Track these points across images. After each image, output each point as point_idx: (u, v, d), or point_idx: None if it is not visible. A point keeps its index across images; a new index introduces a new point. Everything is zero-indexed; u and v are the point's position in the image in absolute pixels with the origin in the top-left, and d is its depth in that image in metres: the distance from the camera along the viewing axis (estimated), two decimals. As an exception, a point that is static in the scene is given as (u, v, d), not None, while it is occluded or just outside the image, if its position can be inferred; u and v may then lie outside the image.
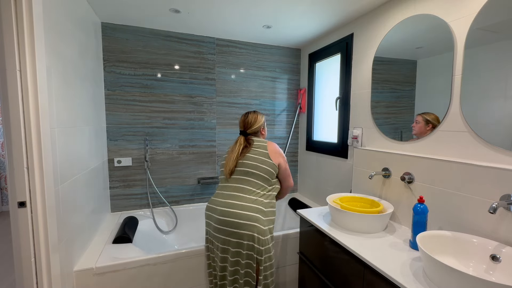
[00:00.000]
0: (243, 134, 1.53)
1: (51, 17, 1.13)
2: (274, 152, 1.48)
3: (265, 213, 1.36)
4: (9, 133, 0.97)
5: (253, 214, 1.31)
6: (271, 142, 1.52)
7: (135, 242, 1.70)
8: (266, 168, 1.42)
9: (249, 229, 1.29)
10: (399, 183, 1.39)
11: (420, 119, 1.36)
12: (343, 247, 1.16)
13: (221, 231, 1.34)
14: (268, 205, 1.40)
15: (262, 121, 1.57)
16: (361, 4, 1.61)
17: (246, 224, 1.29)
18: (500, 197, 0.97)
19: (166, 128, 2.19)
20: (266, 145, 1.48)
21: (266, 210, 1.37)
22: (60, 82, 1.22)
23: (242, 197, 1.36)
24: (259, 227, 1.31)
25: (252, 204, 1.34)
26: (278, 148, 1.52)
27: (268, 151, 1.46)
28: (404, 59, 1.46)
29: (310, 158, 2.48)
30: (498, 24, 1.03)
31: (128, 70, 2.04)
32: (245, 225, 1.30)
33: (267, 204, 1.39)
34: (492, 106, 1.05)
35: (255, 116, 1.56)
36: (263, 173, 1.42)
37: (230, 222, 1.31)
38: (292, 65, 2.58)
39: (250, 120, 1.54)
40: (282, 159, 1.50)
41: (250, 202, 1.35)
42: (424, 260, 0.90)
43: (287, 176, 1.53)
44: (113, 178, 2.08)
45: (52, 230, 1.08)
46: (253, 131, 1.54)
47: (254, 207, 1.34)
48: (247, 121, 1.54)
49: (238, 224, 1.30)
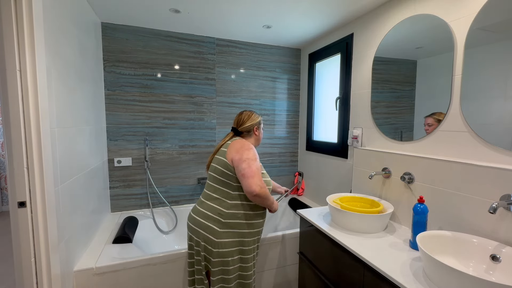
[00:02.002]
0: (234, 131, 1.43)
1: (51, 17, 1.13)
2: (233, 147, 1.28)
3: (223, 224, 1.23)
4: (9, 133, 0.97)
5: (205, 223, 1.25)
6: (241, 140, 1.34)
7: (135, 242, 1.70)
8: (220, 169, 1.28)
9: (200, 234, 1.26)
10: (399, 183, 1.39)
11: (431, 121, 1.30)
12: (343, 247, 1.16)
13: (188, 235, 1.36)
14: (231, 216, 1.24)
15: (256, 120, 1.45)
16: (361, 4, 1.61)
17: (198, 231, 1.27)
18: (500, 197, 0.97)
19: (166, 128, 2.19)
20: (231, 142, 1.33)
21: (225, 222, 1.23)
22: (60, 82, 1.22)
23: (205, 204, 1.30)
24: (207, 237, 1.23)
25: (208, 212, 1.26)
26: (244, 144, 1.28)
27: (227, 148, 1.29)
28: (404, 59, 1.46)
29: (310, 158, 2.48)
30: (498, 24, 1.03)
31: (128, 70, 2.04)
32: (198, 232, 1.27)
33: (229, 215, 1.24)
34: (492, 106, 1.05)
35: (250, 114, 1.45)
36: (218, 176, 1.28)
37: (191, 228, 1.31)
38: (292, 65, 2.58)
39: (243, 118, 1.43)
40: (238, 155, 1.23)
41: (208, 210, 1.27)
42: (424, 260, 0.90)
43: (241, 176, 1.20)
44: (113, 178, 2.08)
45: (52, 230, 1.08)
46: (245, 129, 1.41)
47: (210, 216, 1.25)
48: (240, 118, 1.44)
49: (194, 231, 1.29)
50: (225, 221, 1.24)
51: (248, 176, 1.18)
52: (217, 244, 1.22)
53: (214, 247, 1.23)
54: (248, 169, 1.19)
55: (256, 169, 1.21)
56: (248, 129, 1.42)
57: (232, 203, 1.26)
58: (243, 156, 1.22)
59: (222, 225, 1.23)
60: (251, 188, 1.17)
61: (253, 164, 1.22)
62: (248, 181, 1.18)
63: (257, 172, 1.21)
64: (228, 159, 1.26)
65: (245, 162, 1.20)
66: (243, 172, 1.19)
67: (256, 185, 1.17)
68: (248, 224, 1.28)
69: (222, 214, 1.24)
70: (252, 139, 1.45)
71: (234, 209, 1.25)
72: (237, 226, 1.25)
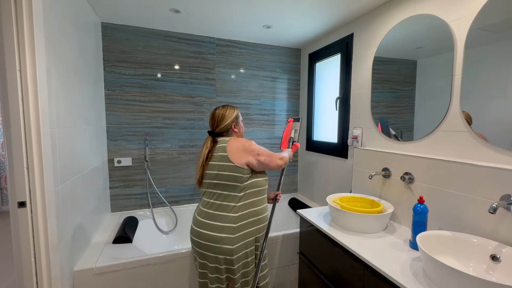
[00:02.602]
0: (211, 134, 1.33)
1: (51, 17, 1.13)
2: (236, 150, 1.22)
3: (235, 229, 1.20)
4: (9, 133, 0.97)
5: (218, 236, 1.18)
6: (236, 139, 1.27)
7: (135, 242, 1.70)
8: (227, 174, 1.21)
9: (216, 248, 1.18)
10: (399, 183, 1.39)
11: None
12: (343, 247, 1.16)
13: (197, 252, 1.26)
14: (242, 218, 1.22)
15: (232, 116, 1.32)
16: (361, 4, 1.61)
17: (212, 247, 1.19)
18: (500, 197, 0.97)
19: (166, 128, 2.19)
20: (226, 145, 1.24)
21: (237, 226, 1.20)
22: (60, 82, 1.22)
23: (211, 215, 1.22)
24: (224, 248, 1.18)
25: (219, 223, 1.20)
26: (244, 144, 1.24)
27: (228, 152, 1.22)
28: (404, 59, 1.46)
29: (310, 158, 2.48)
30: (498, 24, 1.03)
31: (128, 70, 2.04)
32: (212, 248, 1.19)
33: (240, 218, 1.22)
34: (492, 106, 1.05)
35: (223, 111, 1.32)
36: (225, 181, 1.21)
37: (202, 244, 1.21)
38: (292, 65, 2.58)
39: (217, 117, 1.31)
40: (251, 156, 1.23)
41: (218, 221, 1.20)
42: (424, 260, 0.90)
43: (267, 166, 1.27)
44: (113, 178, 2.08)
45: (52, 230, 1.08)
46: (222, 130, 1.31)
47: (221, 226, 1.19)
48: (214, 118, 1.33)
49: (207, 247, 1.20)
50: (237, 225, 1.20)
51: (272, 160, 1.29)
52: (234, 250, 1.19)
53: (232, 255, 1.19)
54: (269, 158, 1.28)
55: (267, 151, 1.30)
56: (225, 129, 1.32)
57: (239, 205, 1.22)
58: (255, 152, 1.25)
59: (235, 230, 1.20)
60: (278, 164, 1.31)
61: (263, 150, 1.29)
62: (273, 164, 1.29)
63: (269, 153, 1.30)
64: (238, 163, 1.21)
65: (262, 156, 1.26)
66: (267, 162, 1.27)
67: (279, 162, 1.32)
68: (257, 219, 1.27)
69: (233, 220, 1.20)
70: (235, 136, 1.35)
71: (242, 210, 1.23)
72: (249, 225, 1.24)
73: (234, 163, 1.20)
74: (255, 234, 1.27)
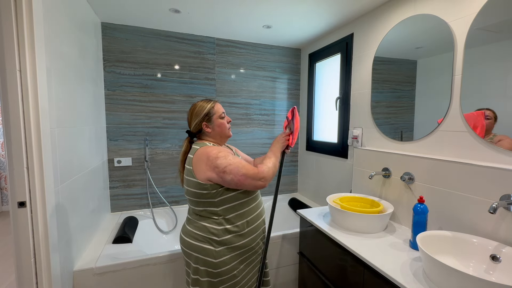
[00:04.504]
0: (188, 134, 1.18)
1: (51, 17, 1.13)
2: (199, 162, 1.03)
3: (219, 243, 1.05)
4: (9, 133, 0.97)
5: (199, 245, 1.06)
6: (205, 148, 1.05)
7: (135, 242, 1.70)
8: (192, 190, 1.06)
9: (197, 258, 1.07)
10: (399, 183, 1.39)
11: (491, 114, 1.10)
12: (343, 247, 1.16)
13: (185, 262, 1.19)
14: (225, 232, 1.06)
15: (202, 112, 1.11)
16: (361, 4, 1.61)
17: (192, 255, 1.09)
18: (500, 197, 0.97)
19: (166, 128, 2.19)
20: (193, 156, 1.06)
21: (221, 240, 1.06)
22: (60, 82, 1.22)
23: (193, 223, 1.11)
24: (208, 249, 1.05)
25: (200, 233, 1.07)
26: (210, 155, 1.02)
27: (192, 166, 1.05)
28: (404, 59, 1.46)
29: (310, 158, 2.48)
30: (498, 24, 1.03)
31: (128, 70, 2.04)
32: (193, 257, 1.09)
33: (223, 232, 1.06)
34: (492, 106, 1.05)
35: (193, 107, 1.14)
36: (195, 198, 1.06)
37: (184, 252, 1.13)
38: (292, 65, 2.58)
39: (188, 114, 1.16)
40: (213, 173, 1.00)
41: (200, 230, 1.07)
42: (424, 260, 0.90)
43: (238, 186, 1.02)
44: (113, 178, 2.08)
45: (52, 230, 1.08)
46: (194, 130, 1.15)
47: (202, 237, 1.06)
48: (187, 116, 1.17)
49: (189, 255, 1.11)
50: (221, 239, 1.06)
51: (242, 181, 1.00)
52: (217, 264, 1.05)
53: (215, 268, 1.06)
54: (239, 177, 0.99)
55: (240, 167, 1.00)
56: (196, 129, 1.14)
57: (221, 220, 1.07)
58: (219, 168, 0.99)
59: (218, 243, 1.06)
60: (256, 186, 1.02)
61: (234, 167, 0.99)
62: (248, 184, 1.01)
63: (242, 169, 1.00)
64: (199, 178, 1.02)
65: (226, 174, 0.99)
66: (236, 182, 1.00)
67: (258, 183, 1.01)
68: (244, 233, 1.10)
69: (215, 233, 1.06)
70: (211, 138, 1.16)
71: (227, 223, 1.07)
72: (234, 240, 1.07)
73: (196, 179, 1.03)
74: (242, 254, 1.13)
